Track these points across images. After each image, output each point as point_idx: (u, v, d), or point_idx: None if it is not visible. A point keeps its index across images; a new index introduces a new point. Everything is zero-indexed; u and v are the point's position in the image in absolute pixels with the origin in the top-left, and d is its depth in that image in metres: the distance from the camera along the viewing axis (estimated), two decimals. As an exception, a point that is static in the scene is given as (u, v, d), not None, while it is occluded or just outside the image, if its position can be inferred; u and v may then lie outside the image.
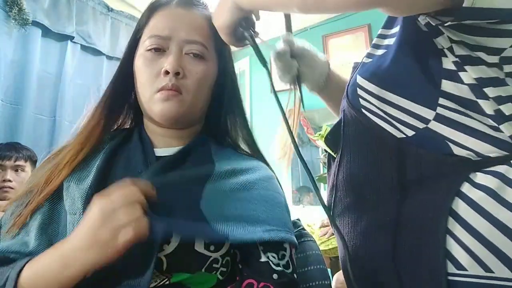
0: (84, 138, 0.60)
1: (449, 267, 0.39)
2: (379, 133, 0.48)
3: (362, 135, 0.51)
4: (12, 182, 1.51)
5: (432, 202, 0.41)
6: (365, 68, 0.50)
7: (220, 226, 0.50)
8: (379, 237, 0.46)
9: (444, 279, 0.39)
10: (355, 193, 0.51)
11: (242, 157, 0.64)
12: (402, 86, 0.45)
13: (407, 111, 0.44)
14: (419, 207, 0.43)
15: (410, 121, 0.45)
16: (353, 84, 0.51)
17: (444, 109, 0.42)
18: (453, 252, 0.39)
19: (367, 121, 0.49)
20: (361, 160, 0.50)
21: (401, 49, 0.45)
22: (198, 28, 0.62)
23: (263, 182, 0.59)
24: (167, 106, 0.57)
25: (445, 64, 0.42)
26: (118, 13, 2.47)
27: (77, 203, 0.52)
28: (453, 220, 0.40)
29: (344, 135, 0.54)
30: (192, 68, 0.59)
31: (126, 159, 0.59)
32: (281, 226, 0.55)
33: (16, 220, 0.53)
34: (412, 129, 0.45)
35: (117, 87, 0.64)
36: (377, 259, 0.46)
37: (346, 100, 0.53)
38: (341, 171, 0.54)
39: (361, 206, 0.50)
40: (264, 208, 0.55)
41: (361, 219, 0.49)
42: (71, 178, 0.56)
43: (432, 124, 0.43)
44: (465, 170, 0.41)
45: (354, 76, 0.51)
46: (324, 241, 1.74)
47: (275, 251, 0.53)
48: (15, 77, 1.86)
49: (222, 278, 0.52)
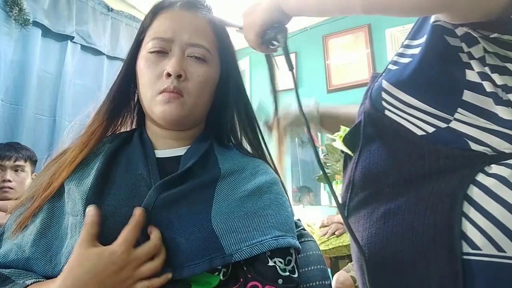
0: (85, 139, 0.60)
1: (464, 247, 0.42)
2: (401, 131, 0.51)
3: (383, 133, 0.54)
4: (12, 182, 1.51)
5: (449, 189, 0.45)
6: (391, 74, 0.53)
7: (229, 241, 0.50)
8: (395, 223, 0.49)
9: (460, 258, 0.42)
10: (372, 187, 0.54)
11: (247, 159, 0.64)
12: (425, 93, 0.48)
13: (429, 113, 0.48)
14: (436, 194, 0.46)
15: (431, 120, 0.48)
16: (378, 88, 0.54)
17: (462, 115, 0.46)
18: (468, 233, 0.42)
19: (389, 121, 0.53)
20: (380, 156, 0.53)
21: (426, 60, 0.49)
22: (201, 31, 0.62)
23: (271, 185, 0.59)
24: (169, 108, 0.57)
25: (468, 76, 0.46)
26: (118, 13, 2.48)
27: (78, 205, 0.52)
28: (468, 205, 0.43)
29: (364, 135, 0.57)
30: (194, 71, 0.59)
31: (127, 161, 0.59)
32: (289, 231, 0.55)
33: (18, 224, 0.54)
34: (433, 127, 0.48)
35: (120, 89, 0.65)
36: (394, 243, 0.49)
37: (369, 102, 0.56)
38: (359, 168, 0.56)
39: (378, 198, 0.53)
40: (274, 212, 0.55)
41: (377, 209, 0.52)
42: (71, 180, 0.56)
43: (453, 123, 0.47)
44: (480, 163, 0.45)
45: (379, 81, 0.55)
46: (324, 241, 1.74)
47: (282, 256, 0.53)
48: (15, 77, 1.86)
49: (224, 278, 0.53)
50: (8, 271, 0.49)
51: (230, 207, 0.54)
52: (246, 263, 0.52)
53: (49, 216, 0.54)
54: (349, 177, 0.59)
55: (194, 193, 0.54)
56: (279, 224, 0.54)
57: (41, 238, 0.53)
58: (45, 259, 0.52)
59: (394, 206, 0.50)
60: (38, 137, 1.93)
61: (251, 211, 0.54)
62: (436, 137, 0.48)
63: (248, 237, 0.51)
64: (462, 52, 0.47)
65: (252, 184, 0.57)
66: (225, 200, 0.54)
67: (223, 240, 0.50)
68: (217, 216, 0.52)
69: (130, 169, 0.57)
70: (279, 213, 0.56)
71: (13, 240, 0.54)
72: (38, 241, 0.52)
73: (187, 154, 0.61)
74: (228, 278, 0.53)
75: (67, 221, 0.54)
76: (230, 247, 0.50)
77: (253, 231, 0.52)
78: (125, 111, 0.67)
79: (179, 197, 0.53)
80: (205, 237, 0.50)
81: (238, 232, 0.51)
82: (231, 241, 0.50)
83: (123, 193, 0.53)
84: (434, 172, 0.47)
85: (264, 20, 0.57)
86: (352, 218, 0.59)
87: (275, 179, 0.62)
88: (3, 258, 0.51)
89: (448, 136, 0.47)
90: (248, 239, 0.51)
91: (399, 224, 0.48)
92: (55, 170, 0.57)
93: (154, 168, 0.57)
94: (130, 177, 0.56)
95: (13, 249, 0.52)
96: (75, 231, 0.51)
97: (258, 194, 0.56)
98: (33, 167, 1.63)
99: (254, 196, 0.56)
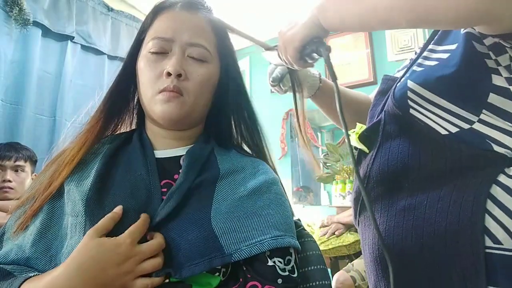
0: (83, 138, 0.60)
1: (486, 241, 0.45)
2: (424, 129, 0.53)
3: (405, 131, 0.56)
4: (12, 182, 1.51)
5: (472, 187, 0.48)
6: (416, 75, 0.55)
7: (229, 241, 0.51)
8: (416, 217, 0.51)
9: (483, 251, 0.45)
10: (391, 182, 0.56)
11: (247, 159, 0.64)
12: (452, 94, 0.51)
13: (454, 114, 0.50)
14: (460, 191, 0.49)
15: (455, 121, 0.51)
16: (403, 87, 0.56)
17: (487, 116, 0.49)
18: (491, 229, 0.45)
19: (413, 119, 0.55)
20: (401, 153, 0.55)
21: (456, 64, 0.51)
22: (201, 31, 0.62)
23: (271, 185, 0.59)
24: (168, 108, 0.57)
25: (494, 80, 0.49)
26: (118, 13, 2.48)
27: (78, 205, 0.52)
28: (491, 202, 0.46)
29: (384, 132, 0.59)
30: (193, 71, 0.59)
31: (126, 162, 0.59)
32: (288, 231, 0.55)
33: (18, 225, 0.54)
34: (456, 127, 0.51)
35: (118, 88, 0.65)
36: (414, 236, 0.51)
37: (392, 101, 0.58)
38: (376, 163, 0.58)
39: (396, 193, 0.55)
40: (273, 212, 0.55)
41: (396, 203, 0.55)
42: (71, 180, 0.56)
43: (476, 125, 0.49)
44: (501, 164, 0.47)
45: (404, 81, 0.57)
46: (324, 241, 1.74)
47: (282, 256, 0.53)
48: (15, 77, 1.86)
49: (224, 278, 0.53)
50: (10, 266, 0.49)
51: (229, 207, 0.54)
52: (245, 263, 0.52)
53: (49, 216, 0.55)
54: (364, 172, 0.61)
55: (194, 194, 0.55)
56: (279, 224, 0.54)
57: (41, 239, 0.53)
58: (45, 259, 0.52)
59: (415, 201, 0.52)
60: (38, 137, 1.93)
61: (251, 211, 0.54)
62: (459, 137, 0.50)
63: (247, 237, 0.51)
64: (488, 59, 0.49)
65: (252, 184, 0.58)
66: (225, 200, 0.55)
67: (223, 240, 0.50)
68: (216, 216, 0.52)
69: (129, 169, 0.57)
70: (279, 213, 0.56)
71: (13, 241, 0.54)
72: (38, 241, 0.52)
73: (188, 156, 0.60)
74: (227, 278, 0.53)
75: (66, 221, 0.54)
76: (229, 247, 0.50)
77: (252, 230, 0.52)
78: (124, 111, 0.67)
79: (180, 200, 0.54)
80: (204, 237, 0.50)
81: (238, 232, 0.52)
82: (230, 240, 0.51)
83: (122, 194, 0.54)
84: (456, 170, 0.50)
85: (304, 35, 0.58)
86: (366, 212, 0.61)
87: (275, 179, 0.62)
88: (4, 258, 0.52)
89: (471, 137, 0.49)
90: (247, 239, 0.51)
91: (420, 218, 0.51)
92: (55, 170, 0.57)
93: (153, 169, 0.58)
94: (130, 177, 0.56)
95: (14, 249, 0.53)
96: (75, 232, 0.51)
97: (258, 194, 0.57)
98: (33, 167, 1.63)
99: (254, 196, 0.56)
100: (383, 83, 0.67)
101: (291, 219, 0.59)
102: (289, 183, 2.84)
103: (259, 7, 2.64)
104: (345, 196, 2.17)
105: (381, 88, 0.66)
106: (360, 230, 0.63)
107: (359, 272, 1.53)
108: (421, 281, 0.51)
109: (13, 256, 0.52)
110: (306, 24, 0.58)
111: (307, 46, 0.59)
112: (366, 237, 0.60)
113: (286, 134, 2.95)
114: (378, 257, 0.56)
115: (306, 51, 0.60)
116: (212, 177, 0.58)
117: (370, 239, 0.58)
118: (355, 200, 0.64)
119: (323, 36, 0.59)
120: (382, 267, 0.56)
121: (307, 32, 0.58)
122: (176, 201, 0.53)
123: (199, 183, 0.56)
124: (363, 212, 0.62)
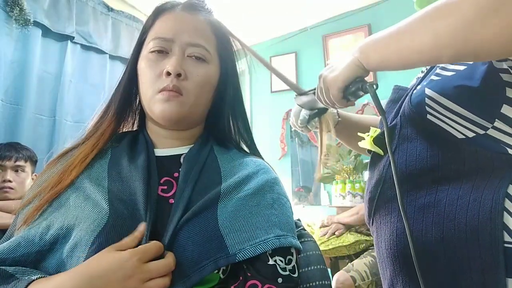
0: (94, 141, 0.61)
1: (506, 237, 0.48)
2: (442, 133, 0.56)
3: (423, 135, 0.59)
4: (12, 183, 1.51)
5: (490, 187, 0.51)
6: (434, 84, 0.58)
7: (234, 240, 0.51)
8: (436, 215, 0.54)
9: (502, 246, 0.48)
10: (409, 183, 0.58)
11: (248, 158, 0.65)
12: (468, 101, 0.53)
13: (470, 120, 0.53)
14: (478, 190, 0.51)
15: (471, 127, 0.53)
16: (421, 94, 0.58)
17: (500, 123, 0.51)
18: (510, 226, 0.48)
19: (430, 124, 0.57)
20: (418, 155, 0.58)
21: (473, 77, 0.54)
22: (202, 32, 0.63)
23: (273, 185, 0.60)
24: (168, 107, 0.58)
25: (508, 93, 0.51)
26: (118, 13, 2.48)
27: (101, 202, 0.52)
28: (508, 201, 0.49)
29: (400, 135, 0.62)
30: (193, 70, 0.60)
31: (131, 160, 0.59)
32: (290, 231, 0.56)
33: (26, 219, 0.53)
34: (473, 132, 0.53)
35: (125, 89, 0.65)
36: (434, 231, 0.54)
37: (408, 107, 0.60)
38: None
39: (414, 193, 0.58)
40: (276, 212, 0.56)
41: (415, 202, 0.57)
42: (82, 177, 0.56)
43: (490, 131, 0.52)
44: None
45: (421, 88, 0.60)
46: (324, 241, 1.74)
47: (283, 255, 0.54)
48: (15, 77, 1.86)
49: (224, 276, 0.53)
50: (12, 268, 0.48)
51: (235, 206, 0.54)
52: (246, 261, 0.52)
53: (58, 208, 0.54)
54: (380, 173, 0.63)
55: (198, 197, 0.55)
56: (281, 224, 0.55)
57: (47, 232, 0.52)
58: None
59: (434, 199, 0.55)
60: (38, 137, 1.93)
61: (255, 210, 0.55)
62: (475, 142, 0.53)
63: (251, 236, 0.52)
64: (504, 73, 0.51)
65: (254, 183, 0.58)
66: (230, 200, 0.55)
67: (228, 239, 0.51)
68: (223, 214, 0.53)
69: (130, 168, 0.58)
70: (282, 213, 0.56)
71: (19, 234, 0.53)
72: (44, 235, 0.52)
73: (186, 162, 0.60)
74: (227, 276, 0.53)
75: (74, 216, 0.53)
76: (234, 246, 0.50)
77: (256, 229, 0.52)
78: (130, 111, 0.68)
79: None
80: (211, 237, 0.50)
81: (242, 231, 0.52)
82: (235, 240, 0.51)
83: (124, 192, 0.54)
84: (474, 171, 0.53)
85: (346, 76, 0.61)
86: (382, 211, 0.63)
87: (277, 179, 0.62)
88: (13, 251, 0.51)
89: (486, 142, 0.52)
90: (251, 238, 0.51)
91: (440, 215, 0.54)
92: (66, 169, 0.58)
93: (153, 167, 0.58)
94: (131, 176, 0.56)
95: (21, 243, 0.51)
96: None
97: (261, 193, 0.57)
98: (33, 167, 1.63)
99: (257, 195, 0.57)
100: (394, 92, 0.71)
101: (292, 219, 0.59)
102: (289, 183, 2.85)
103: (258, 7, 2.64)
104: (345, 196, 2.17)
105: (393, 97, 0.70)
106: (374, 229, 0.65)
107: (359, 272, 1.52)
108: (441, 273, 0.53)
109: (22, 250, 0.51)
110: (348, 66, 0.61)
111: (350, 86, 0.62)
112: (382, 234, 0.62)
113: (286, 134, 2.96)
114: (396, 252, 0.58)
115: (348, 91, 0.63)
116: (215, 177, 0.58)
117: (388, 235, 0.60)
118: (370, 200, 0.65)
119: (364, 76, 0.62)
120: (400, 262, 0.58)
121: (349, 73, 0.61)
122: (181, 212, 0.52)
123: (201, 185, 0.57)
124: (378, 211, 0.64)
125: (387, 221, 0.61)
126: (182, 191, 0.55)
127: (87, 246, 0.48)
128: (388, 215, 0.62)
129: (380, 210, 0.64)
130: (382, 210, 0.63)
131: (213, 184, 0.57)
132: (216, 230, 0.51)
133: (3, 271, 0.48)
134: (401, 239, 0.58)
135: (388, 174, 0.61)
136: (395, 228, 0.59)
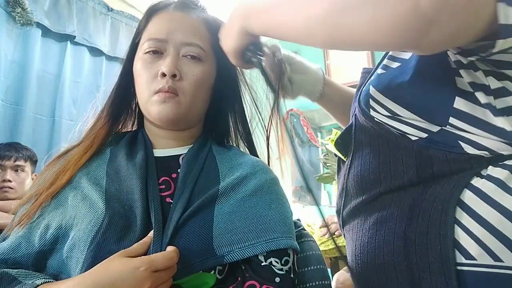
0: (89, 142, 0.61)
1: (458, 257, 0.39)
2: (392, 136, 0.49)
3: (374, 139, 0.52)
4: (12, 182, 1.51)
5: (442, 195, 0.42)
6: (380, 80, 0.50)
7: (222, 242, 0.51)
8: (388, 231, 0.47)
9: (454, 268, 0.39)
10: (365, 194, 0.52)
11: (247, 158, 0.64)
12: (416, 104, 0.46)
13: (420, 122, 0.46)
14: (429, 200, 0.43)
15: (423, 125, 0.46)
16: (366, 94, 0.51)
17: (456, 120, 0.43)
18: (461, 242, 0.39)
19: (379, 126, 0.50)
20: (372, 163, 0.51)
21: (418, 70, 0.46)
22: (196, 30, 0.62)
23: (272, 186, 0.60)
24: (164, 108, 0.58)
25: (459, 84, 0.42)
26: (118, 13, 2.47)
27: (97, 202, 0.53)
28: (460, 210, 0.40)
29: (356, 139, 0.55)
30: (189, 70, 0.60)
31: (130, 159, 0.59)
32: (287, 232, 0.55)
33: (22, 219, 0.53)
34: (425, 133, 0.46)
35: (119, 91, 0.65)
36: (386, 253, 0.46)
37: (358, 106, 0.53)
38: (351, 174, 0.55)
39: (370, 206, 0.51)
40: (274, 213, 0.55)
41: (370, 217, 0.50)
42: (81, 176, 0.56)
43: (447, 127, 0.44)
44: (477, 167, 0.42)
45: (367, 86, 0.52)
46: (324, 241, 1.74)
47: (278, 256, 0.53)
48: (15, 77, 1.86)
49: (221, 276, 0.53)
50: (15, 271, 0.47)
51: (232, 207, 0.54)
52: (243, 262, 0.52)
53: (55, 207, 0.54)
54: (342, 183, 0.58)
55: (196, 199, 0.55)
56: (278, 226, 0.54)
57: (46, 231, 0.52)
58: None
59: (387, 213, 0.48)
60: (38, 137, 1.93)
61: (252, 211, 0.54)
62: (429, 142, 0.45)
63: (241, 239, 0.52)
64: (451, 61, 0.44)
65: (253, 184, 0.58)
66: (228, 200, 0.55)
67: (216, 241, 0.51)
68: (219, 216, 0.53)
69: (128, 167, 0.58)
70: (280, 214, 0.56)
71: (18, 234, 0.52)
72: (44, 235, 0.52)
73: (185, 164, 0.60)
74: (225, 277, 0.53)
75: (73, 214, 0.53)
76: (222, 248, 0.50)
77: (249, 233, 0.52)
78: (126, 112, 0.68)
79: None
80: (203, 237, 0.51)
81: (233, 234, 0.52)
82: (223, 242, 0.51)
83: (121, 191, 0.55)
84: (428, 178, 0.45)
85: (236, 46, 0.56)
86: (347, 226, 0.58)
87: (275, 179, 0.62)
88: (13, 252, 0.50)
89: (441, 139, 0.44)
90: (241, 241, 0.51)
91: (391, 231, 0.46)
92: (60, 170, 0.58)
93: (152, 167, 0.58)
94: (129, 176, 0.56)
95: (22, 244, 0.51)
96: None
97: (259, 194, 0.57)
98: (33, 167, 1.63)
99: (255, 196, 0.56)
100: (362, 77, 0.60)
101: (291, 220, 0.59)
102: (289, 182, 2.85)
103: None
104: (345, 196, 2.16)
105: (360, 83, 0.60)
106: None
107: (359, 272, 1.53)
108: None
109: (23, 251, 0.50)
110: (235, 34, 0.55)
111: (246, 52, 0.58)
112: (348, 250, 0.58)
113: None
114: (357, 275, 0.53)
115: (246, 57, 0.59)
116: (213, 178, 0.58)
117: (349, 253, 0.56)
118: (337, 213, 0.61)
119: (256, 40, 0.57)
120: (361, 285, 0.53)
121: (238, 42, 0.56)
122: (180, 212, 0.52)
123: (200, 186, 0.56)
124: (345, 225, 0.59)
125: (350, 239, 0.55)
126: (182, 192, 0.55)
127: (85, 246, 0.48)
128: (350, 231, 0.56)
129: (346, 224, 0.58)
130: (347, 224, 0.58)
131: (212, 184, 0.57)
132: (209, 231, 0.51)
133: (5, 273, 0.47)
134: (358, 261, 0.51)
135: (349, 183, 0.55)
136: (354, 246, 0.52)
